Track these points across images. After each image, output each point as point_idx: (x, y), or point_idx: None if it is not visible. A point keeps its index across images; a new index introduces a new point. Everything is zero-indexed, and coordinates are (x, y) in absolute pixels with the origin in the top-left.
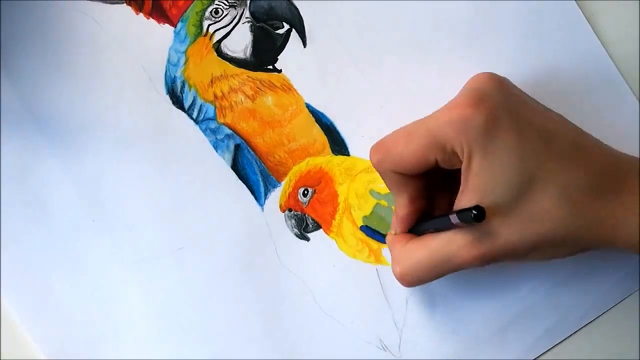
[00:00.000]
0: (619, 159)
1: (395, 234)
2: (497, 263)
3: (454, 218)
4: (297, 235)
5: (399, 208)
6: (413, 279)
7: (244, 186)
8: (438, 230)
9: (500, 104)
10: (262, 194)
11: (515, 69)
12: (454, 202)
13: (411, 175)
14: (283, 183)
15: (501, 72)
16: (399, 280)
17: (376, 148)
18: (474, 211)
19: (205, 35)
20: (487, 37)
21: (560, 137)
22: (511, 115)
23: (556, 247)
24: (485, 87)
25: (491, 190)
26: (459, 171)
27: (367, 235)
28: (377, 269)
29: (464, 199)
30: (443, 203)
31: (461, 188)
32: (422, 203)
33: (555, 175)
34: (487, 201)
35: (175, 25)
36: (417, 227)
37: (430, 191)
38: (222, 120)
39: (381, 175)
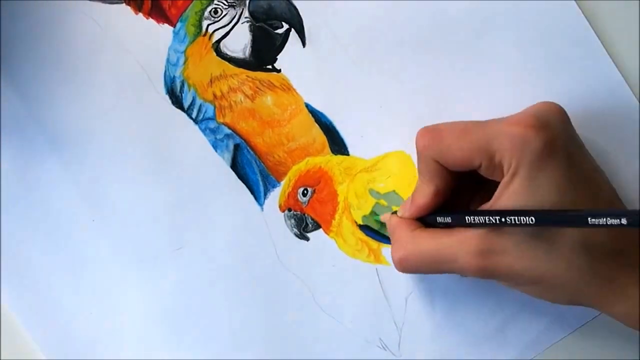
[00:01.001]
0: None
1: (402, 216)
2: (495, 281)
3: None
4: (296, 235)
5: (420, 196)
6: (412, 267)
7: (244, 186)
8: (452, 226)
9: (560, 137)
10: (262, 194)
11: (514, 69)
12: (472, 204)
13: (447, 169)
14: (282, 183)
15: (500, 72)
16: (396, 264)
17: (427, 132)
18: None
19: (205, 35)
20: (486, 38)
21: (601, 190)
22: (566, 150)
23: (554, 292)
24: (551, 116)
25: None
26: (489, 180)
27: (367, 234)
28: (376, 269)
29: None
30: (461, 203)
31: (493, 200)
32: (445, 198)
33: None
34: None
35: (174, 25)
36: (429, 217)
37: (455, 189)
38: (221, 120)
39: (419, 159)
